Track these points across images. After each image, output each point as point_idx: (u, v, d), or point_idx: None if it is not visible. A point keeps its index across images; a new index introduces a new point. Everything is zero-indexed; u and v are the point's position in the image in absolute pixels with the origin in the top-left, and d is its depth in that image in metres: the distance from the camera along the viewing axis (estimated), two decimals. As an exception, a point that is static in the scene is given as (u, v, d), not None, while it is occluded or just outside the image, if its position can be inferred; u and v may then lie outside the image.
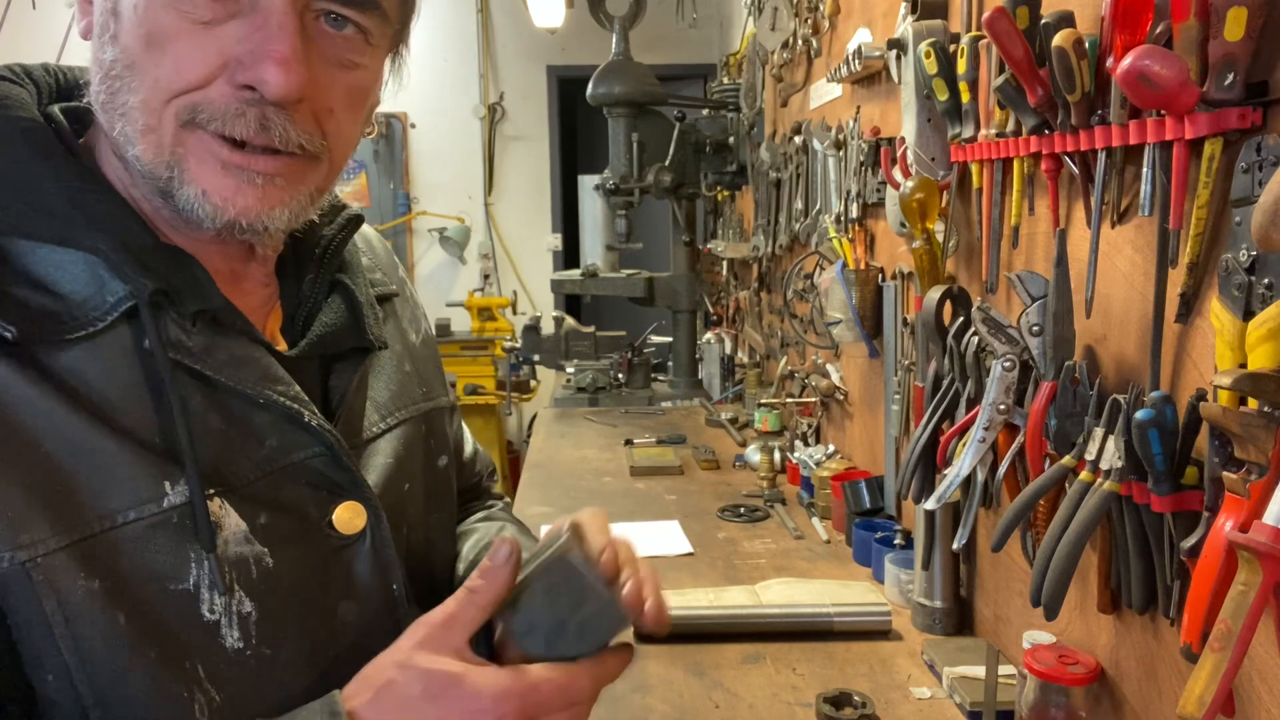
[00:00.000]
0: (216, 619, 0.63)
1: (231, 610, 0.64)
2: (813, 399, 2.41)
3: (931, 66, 1.33)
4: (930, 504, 1.27)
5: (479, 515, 1.01)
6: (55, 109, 0.69)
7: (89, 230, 0.64)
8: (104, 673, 0.60)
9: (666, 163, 3.19)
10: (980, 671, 1.25)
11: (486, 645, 0.70)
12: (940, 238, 1.46)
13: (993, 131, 1.22)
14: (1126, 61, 0.82)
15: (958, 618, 1.48)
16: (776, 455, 2.35)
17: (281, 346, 0.75)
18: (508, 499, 1.09)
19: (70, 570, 0.59)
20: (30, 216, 0.63)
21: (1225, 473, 0.78)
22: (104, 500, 0.60)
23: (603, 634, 0.68)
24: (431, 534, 0.84)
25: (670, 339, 3.52)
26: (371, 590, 0.73)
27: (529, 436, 3.88)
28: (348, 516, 0.71)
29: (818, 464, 2.13)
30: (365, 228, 0.87)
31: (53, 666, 0.59)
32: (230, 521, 0.65)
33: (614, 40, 3.21)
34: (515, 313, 5.41)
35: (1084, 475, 0.98)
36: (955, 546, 1.28)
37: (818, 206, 2.36)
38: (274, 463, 0.68)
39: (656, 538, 1.93)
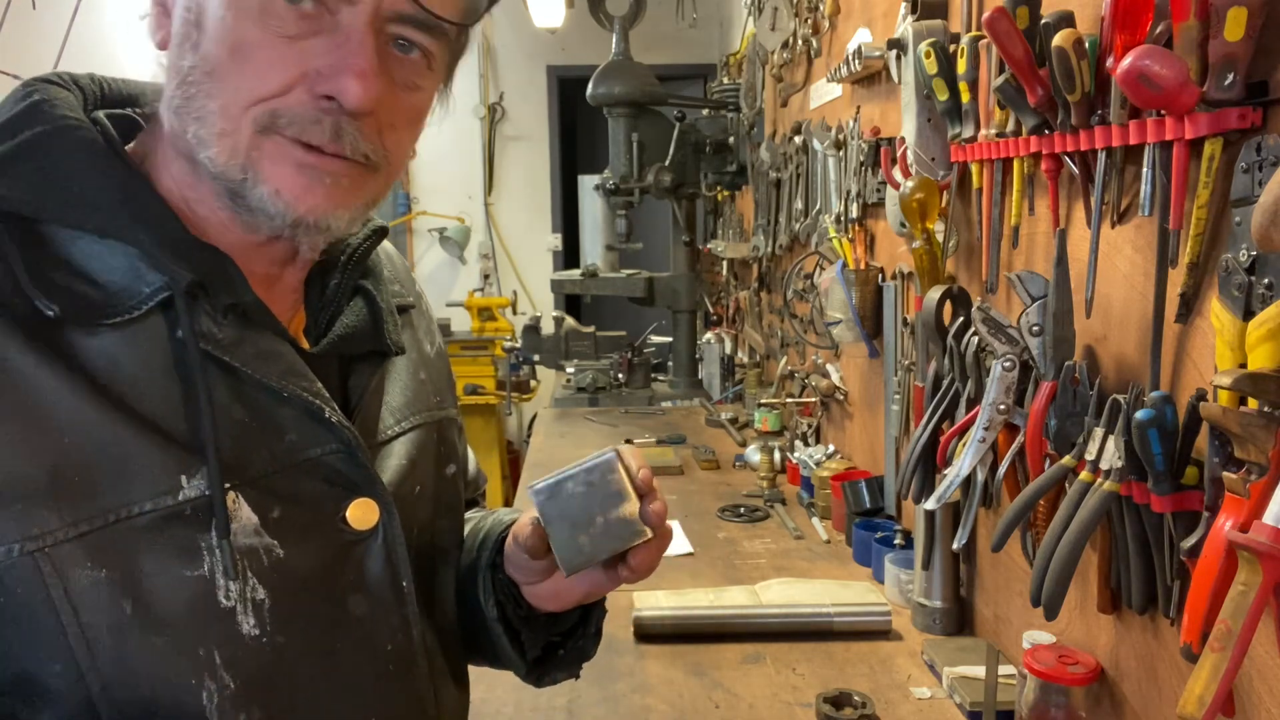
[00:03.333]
0: (233, 605, 0.65)
1: (246, 597, 0.66)
2: (813, 399, 2.41)
3: (931, 66, 1.33)
4: (930, 504, 1.27)
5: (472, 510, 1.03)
6: (100, 114, 0.72)
7: (130, 223, 0.66)
8: (110, 661, 0.61)
9: (666, 163, 3.19)
10: (980, 671, 1.25)
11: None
12: (940, 238, 1.46)
13: (993, 131, 1.22)
14: (1126, 61, 0.83)
15: (958, 618, 1.48)
16: (776, 455, 2.35)
17: (306, 345, 0.77)
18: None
19: (78, 560, 0.60)
20: (73, 207, 0.66)
21: (1225, 473, 0.78)
22: (119, 491, 0.62)
23: (622, 538, 0.74)
24: (438, 539, 0.86)
25: (670, 339, 3.52)
26: (382, 586, 0.74)
27: (529, 436, 3.88)
28: (361, 513, 0.73)
29: (818, 464, 2.13)
30: (385, 243, 0.90)
31: (60, 656, 0.60)
32: (242, 514, 0.66)
33: (614, 40, 3.21)
34: (515, 313, 5.41)
35: (1084, 475, 0.98)
36: (955, 546, 1.28)
37: (818, 206, 2.36)
38: (292, 457, 0.70)
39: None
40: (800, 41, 2.56)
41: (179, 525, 0.63)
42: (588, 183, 3.82)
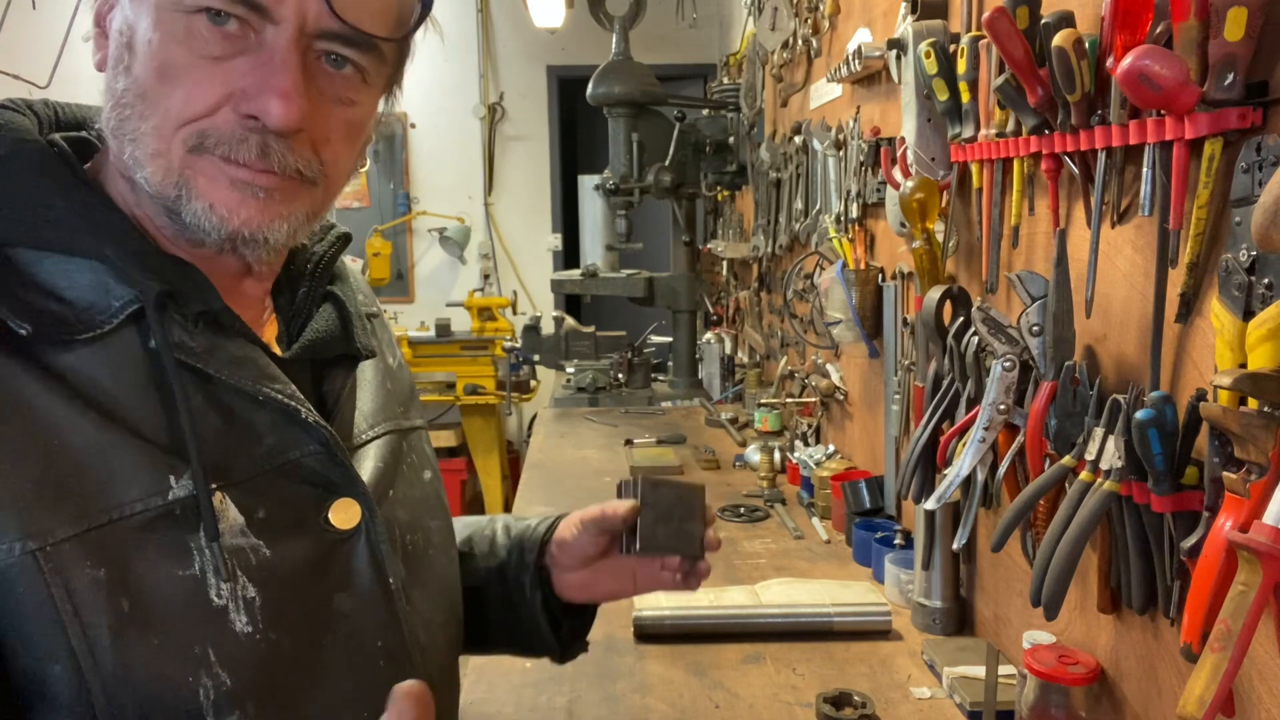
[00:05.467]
0: (224, 604, 0.66)
1: (237, 595, 0.66)
2: (813, 399, 2.41)
3: (931, 66, 1.33)
4: (930, 504, 1.27)
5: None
6: (57, 136, 0.73)
7: (95, 240, 0.67)
8: (109, 660, 0.61)
9: (666, 163, 3.19)
10: (980, 671, 1.25)
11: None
12: (940, 238, 1.46)
13: (993, 131, 1.22)
14: (1126, 61, 0.83)
15: (958, 618, 1.48)
16: (776, 455, 2.35)
17: (277, 352, 0.78)
18: None
19: (77, 559, 0.61)
20: (37, 228, 0.67)
21: (1225, 473, 0.78)
22: (111, 493, 0.63)
23: (686, 547, 0.94)
24: (433, 538, 0.87)
25: (670, 339, 3.52)
26: (369, 584, 0.75)
27: (529, 436, 3.88)
28: (343, 513, 0.74)
29: (818, 464, 2.13)
30: (346, 260, 0.91)
31: (60, 656, 0.61)
32: (230, 514, 0.67)
33: (614, 40, 3.21)
34: (515, 313, 5.40)
35: (1084, 475, 0.98)
36: (955, 546, 1.28)
37: (818, 206, 2.36)
38: (272, 460, 0.71)
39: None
40: (800, 41, 2.56)
41: (169, 525, 0.64)
42: (588, 183, 3.82)
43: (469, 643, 0.98)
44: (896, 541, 1.68)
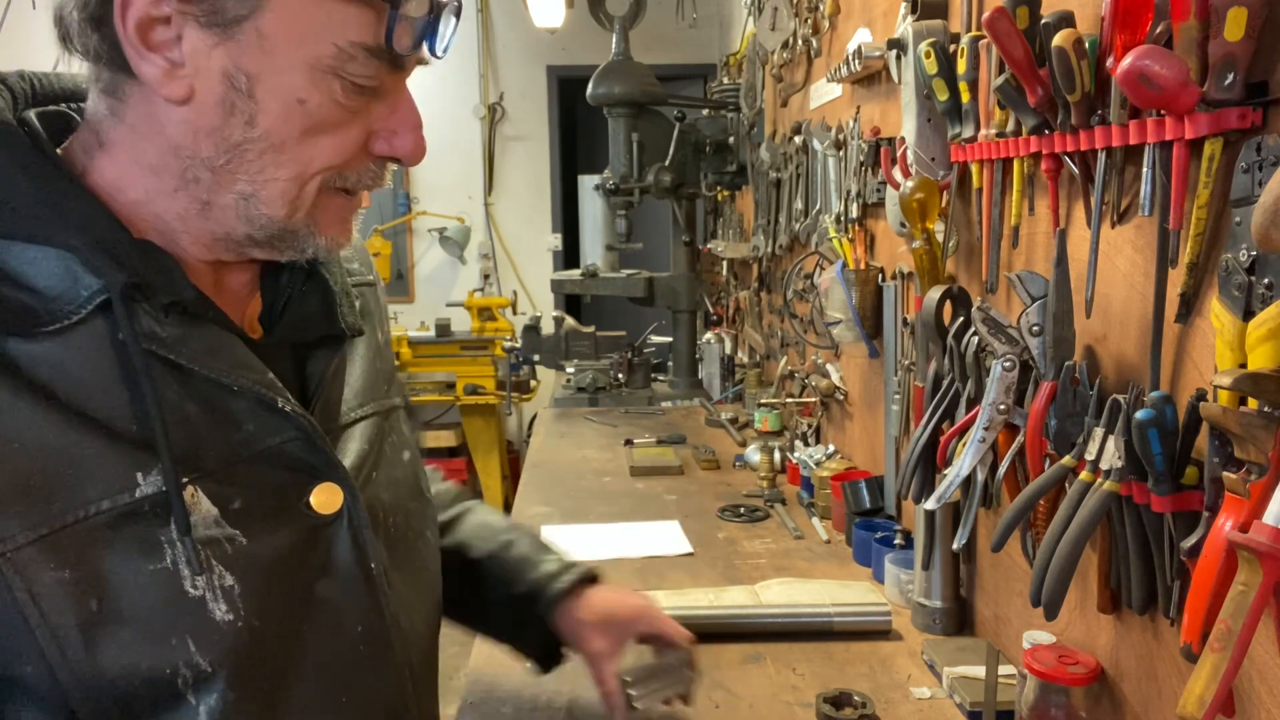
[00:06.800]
0: (201, 594, 0.66)
1: (214, 585, 0.66)
2: (813, 399, 2.41)
3: (931, 66, 1.33)
4: (930, 504, 1.27)
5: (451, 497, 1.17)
6: (30, 114, 0.71)
7: (63, 227, 0.66)
8: (80, 659, 0.62)
9: (666, 163, 3.19)
10: (980, 671, 1.25)
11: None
12: (940, 238, 1.46)
13: (993, 131, 1.22)
14: (1126, 61, 0.83)
15: (958, 618, 1.48)
16: (776, 455, 2.35)
17: (258, 333, 0.78)
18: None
19: (40, 562, 0.61)
20: (2, 214, 0.65)
21: (1225, 473, 0.78)
22: (76, 492, 0.63)
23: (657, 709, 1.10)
24: (413, 520, 0.87)
25: (670, 339, 3.51)
26: (350, 569, 0.75)
27: (529, 436, 3.88)
28: (324, 497, 0.74)
29: (818, 464, 2.13)
30: None
31: (30, 657, 0.61)
32: (202, 506, 0.67)
33: (614, 40, 3.21)
34: (515, 313, 5.41)
35: (1084, 475, 0.98)
36: (955, 546, 1.28)
37: (818, 206, 2.36)
38: (250, 448, 0.71)
39: (656, 538, 1.93)
40: (800, 41, 2.56)
41: (138, 521, 0.64)
42: (588, 183, 3.82)
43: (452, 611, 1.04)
44: (896, 541, 1.68)
